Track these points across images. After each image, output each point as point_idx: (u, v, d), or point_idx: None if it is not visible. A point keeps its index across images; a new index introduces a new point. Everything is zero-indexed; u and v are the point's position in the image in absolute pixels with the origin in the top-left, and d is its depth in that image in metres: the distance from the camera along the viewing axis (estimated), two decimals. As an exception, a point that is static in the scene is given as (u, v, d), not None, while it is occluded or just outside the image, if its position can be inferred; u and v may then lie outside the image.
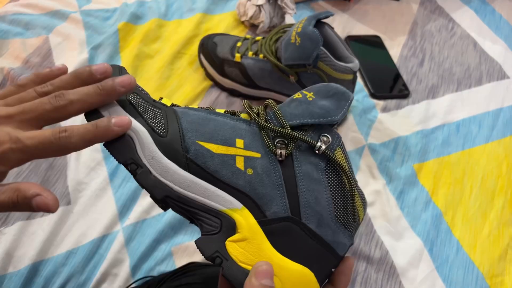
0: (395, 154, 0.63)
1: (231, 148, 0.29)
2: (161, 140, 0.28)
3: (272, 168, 0.29)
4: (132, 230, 0.51)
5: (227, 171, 0.28)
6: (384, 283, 0.50)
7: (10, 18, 0.71)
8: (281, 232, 0.28)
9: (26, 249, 0.48)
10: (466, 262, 0.53)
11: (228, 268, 0.27)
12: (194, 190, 0.28)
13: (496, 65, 0.79)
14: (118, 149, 0.28)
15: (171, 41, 0.73)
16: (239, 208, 0.28)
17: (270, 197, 0.28)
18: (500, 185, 0.61)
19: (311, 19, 0.55)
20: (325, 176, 0.29)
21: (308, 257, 0.28)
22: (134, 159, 0.27)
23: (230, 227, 0.27)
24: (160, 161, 0.28)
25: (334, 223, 0.28)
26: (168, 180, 0.27)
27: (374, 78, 0.73)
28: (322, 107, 0.30)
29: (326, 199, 0.28)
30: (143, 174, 0.27)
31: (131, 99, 0.30)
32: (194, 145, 0.28)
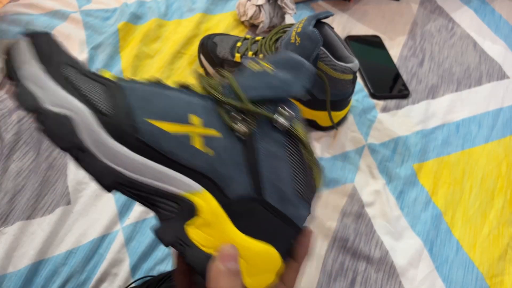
0: (395, 154, 0.63)
1: (186, 126, 0.26)
2: (106, 120, 0.24)
3: (232, 146, 0.27)
4: (132, 230, 0.51)
5: (184, 152, 0.25)
6: (384, 283, 0.50)
7: (10, 18, 0.71)
8: (244, 212, 0.27)
9: (26, 249, 0.48)
10: (465, 262, 0.53)
11: (190, 255, 0.25)
12: (147, 174, 0.25)
13: (496, 65, 0.79)
14: (57, 133, 0.23)
15: (171, 41, 0.73)
16: (199, 192, 0.26)
17: (231, 177, 0.26)
18: (499, 185, 0.61)
19: (311, 19, 0.55)
20: (285, 151, 0.28)
21: (270, 234, 0.27)
22: (76, 143, 0.23)
23: (190, 211, 0.25)
24: (106, 143, 0.24)
25: (295, 198, 0.28)
26: (116, 165, 0.24)
27: (374, 78, 0.73)
28: (281, 79, 0.28)
29: (286, 174, 0.28)
30: (87, 160, 0.24)
31: (65, 72, 0.25)
32: (144, 124, 0.25)
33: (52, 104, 0.23)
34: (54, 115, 0.23)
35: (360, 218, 0.55)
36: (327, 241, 0.53)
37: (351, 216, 0.55)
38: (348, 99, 0.62)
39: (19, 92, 0.24)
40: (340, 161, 0.61)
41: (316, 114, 0.62)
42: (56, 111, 0.23)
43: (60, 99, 0.24)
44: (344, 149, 0.62)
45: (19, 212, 0.51)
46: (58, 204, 0.52)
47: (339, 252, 0.52)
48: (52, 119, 0.23)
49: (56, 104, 0.24)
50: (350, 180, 0.59)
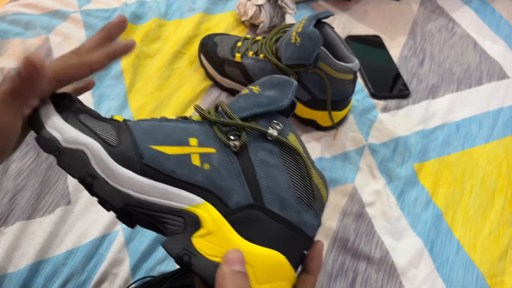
0: (395, 154, 0.63)
1: (185, 147, 0.29)
2: (114, 150, 0.28)
3: (228, 160, 0.29)
4: (132, 230, 0.51)
5: (184, 170, 0.28)
6: (384, 283, 0.50)
7: (10, 18, 0.71)
8: (246, 220, 0.28)
9: (26, 249, 0.48)
10: (466, 262, 0.53)
11: (197, 264, 0.26)
12: (153, 193, 0.28)
13: (496, 65, 0.79)
14: (72, 165, 0.27)
15: (171, 41, 0.73)
16: (201, 204, 0.28)
17: (230, 188, 0.28)
18: (500, 185, 0.61)
19: (311, 19, 0.55)
20: (281, 160, 0.30)
21: (276, 241, 0.28)
22: (90, 172, 0.27)
23: (195, 223, 0.27)
24: (115, 170, 0.27)
25: (297, 204, 0.29)
26: (125, 188, 0.27)
27: (374, 78, 0.73)
28: (268, 96, 0.31)
29: (285, 182, 0.29)
30: (100, 185, 0.27)
31: (81, 118, 0.29)
32: (148, 150, 0.28)
33: (67, 142, 0.28)
34: (70, 150, 0.28)
35: (361, 218, 0.55)
36: (328, 241, 0.53)
37: (351, 216, 0.55)
38: (349, 99, 0.62)
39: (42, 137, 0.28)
40: (341, 161, 0.61)
41: (317, 114, 0.62)
42: (71, 147, 0.28)
43: (74, 138, 0.28)
44: (345, 149, 0.62)
45: (19, 212, 0.51)
46: (58, 204, 0.52)
47: (340, 252, 0.52)
48: (68, 154, 0.27)
49: (71, 142, 0.28)
50: (350, 180, 0.59)
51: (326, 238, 0.53)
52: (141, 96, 0.65)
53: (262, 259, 0.27)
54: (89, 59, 0.30)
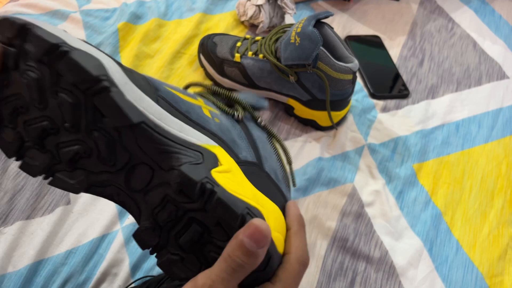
0: (394, 154, 0.63)
1: (196, 100, 0.30)
2: (129, 74, 0.25)
3: (232, 124, 0.31)
4: (131, 230, 0.51)
5: (198, 115, 0.28)
6: (384, 283, 0.50)
7: (10, 18, 0.71)
8: (253, 173, 0.28)
9: (25, 249, 0.48)
10: (465, 262, 0.53)
11: (222, 193, 0.23)
12: (170, 123, 0.25)
13: (495, 65, 0.79)
14: (87, 63, 0.22)
15: (171, 41, 0.73)
16: (216, 145, 0.27)
17: (238, 144, 0.30)
18: (499, 185, 0.61)
19: (310, 19, 0.55)
20: (271, 144, 0.33)
21: (276, 199, 0.29)
22: (108, 76, 0.23)
23: (213, 159, 0.25)
24: (133, 88, 0.24)
25: (283, 182, 0.32)
26: (142, 108, 0.24)
27: (374, 78, 0.73)
28: (250, 103, 0.35)
29: (275, 161, 0.32)
30: (117, 94, 0.23)
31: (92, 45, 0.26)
32: (163, 89, 0.27)
33: (77, 46, 0.23)
34: (83, 52, 0.23)
35: (360, 218, 0.55)
36: (327, 241, 0.53)
37: (350, 216, 0.55)
38: (348, 99, 0.62)
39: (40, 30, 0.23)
40: (340, 161, 0.61)
41: (316, 114, 0.62)
42: (85, 49, 0.23)
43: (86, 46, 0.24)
44: (344, 149, 0.62)
45: (18, 212, 0.51)
46: (58, 204, 0.52)
47: (339, 252, 0.52)
48: (81, 53, 0.23)
49: (83, 47, 0.23)
50: (350, 180, 0.59)
51: (325, 238, 0.53)
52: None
53: (273, 208, 0.28)
54: None
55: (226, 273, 0.23)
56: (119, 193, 0.26)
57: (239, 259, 0.22)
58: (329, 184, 0.58)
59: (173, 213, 0.25)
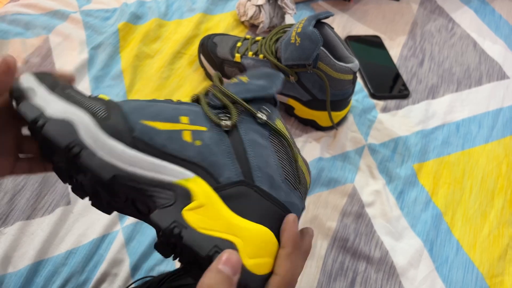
0: (395, 154, 0.63)
1: (176, 124, 0.29)
2: (104, 123, 0.27)
3: (219, 138, 0.29)
4: (132, 230, 0.51)
5: (175, 145, 0.28)
6: (384, 283, 0.50)
7: (10, 18, 0.71)
8: (237, 195, 0.28)
9: (25, 249, 0.48)
10: (465, 262, 0.53)
11: (188, 236, 0.26)
12: (143, 165, 0.27)
13: (496, 65, 0.79)
14: (58, 133, 0.26)
15: (171, 41, 0.73)
16: (191, 178, 0.27)
17: (221, 164, 0.28)
18: (500, 185, 0.61)
19: (311, 19, 0.55)
20: (269, 143, 0.31)
21: (266, 217, 0.28)
22: (77, 141, 0.26)
23: (185, 197, 0.27)
24: (105, 141, 0.26)
25: (284, 184, 0.30)
26: (115, 159, 0.26)
27: (374, 78, 0.73)
28: (257, 85, 0.32)
29: (274, 162, 0.30)
30: (88, 156, 0.26)
31: (68, 91, 0.28)
32: (139, 124, 0.28)
33: (54, 112, 0.26)
34: (56, 120, 0.26)
35: (360, 218, 0.55)
36: (327, 241, 0.53)
37: (351, 216, 0.55)
38: (348, 99, 0.62)
39: (24, 106, 0.27)
40: (340, 161, 0.61)
41: (316, 114, 0.62)
42: (57, 117, 0.26)
43: (61, 109, 0.27)
44: (344, 149, 0.62)
45: (19, 212, 0.51)
46: (58, 204, 0.52)
47: (339, 252, 0.52)
48: (54, 123, 0.26)
49: (58, 112, 0.26)
50: (350, 180, 0.59)
51: (326, 238, 0.53)
52: (141, 96, 0.65)
53: (253, 233, 0.27)
54: None
55: None
56: (135, 215, 0.30)
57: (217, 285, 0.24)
58: (329, 184, 0.58)
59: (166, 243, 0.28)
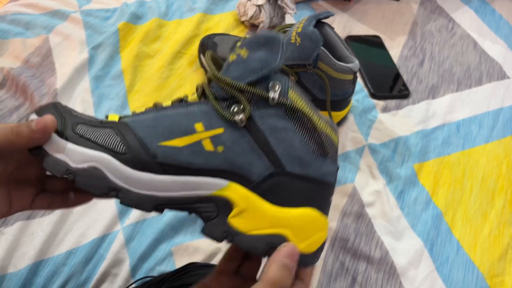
0: (395, 154, 0.63)
1: (193, 135, 0.29)
2: (126, 157, 0.28)
3: (239, 136, 0.29)
4: (132, 230, 0.51)
5: (200, 159, 0.28)
6: (384, 283, 0.50)
7: (10, 18, 0.71)
8: (272, 188, 0.29)
9: (26, 249, 0.48)
10: (466, 262, 0.53)
11: (241, 241, 0.28)
12: (177, 188, 0.28)
13: (496, 65, 0.79)
14: (91, 184, 0.27)
15: (171, 41, 0.73)
16: (226, 186, 0.28)
17: (249, 164, 0.29)
18: (500, 185, 0.61)
19: (311, 19, 0.55)
20: (289, 121, 0.30)
21: (305, 198, 0.30)
22: (111, 187, 0.27)
23: (227, 206, 0.28)
24: (134, 176, 0.28)
25: (314, 159, 0.30)
26: (150, 191, 0.28)
27: (374, 78, 0.73)
28: (259, 59, 0.30)
29: (298, 141, 0.30)
30: (125, 196, 0.27)
31: (80, 131, 0.29)
32: (159, 148, 0.28)
33: (76, 162, 0.27)
34: (83, 170, 0.27)
35: (361, 218, 0.55)
36: (327, 241, 0.53)
37: (351, 216, 0.55)
38: (348, 99, 0.62)
39: (49, 164, 0.27)
40: (341, 161, 0.61)
41: (317, 114, 0.62)
42: (83, 166, 0.27)
43: (82, 156, 0.27)
44: (345, 149, 0.62)
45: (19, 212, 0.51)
46: (58, 204, 0.52)
47: (339, 252, 0.52)
48: (83, 175, 0.27)
49: (80, 161, 0.27)
50: (350, 180, 0.59)
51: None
52: (141, 96, 0.65)
53: (298, 219, 0.29)
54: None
55: None
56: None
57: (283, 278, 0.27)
58: (329, 184, 0.58)
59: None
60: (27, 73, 0.64)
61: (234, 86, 0.29)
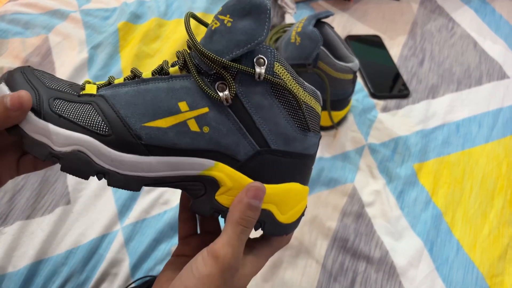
0: (395, 154, 0.63)
1: (178, 115, 0.28)
2: (110, 139, 0.27)
3: (224, 116, 0.28)
4: (131, 230, 0.51)
5: (186, 139, 0.28)
6: (384, 283, 0.50)
7: (9, 17, 0.71)
8: (258, 166, 0.29)
9: (25, 249, 0.48)
10: (466, 262, 0.53)
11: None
12: (164, 168, 0.28)
13: (496, 65, 0.79)
14: (76, 168, 0.27)
15: (171, 40, 0.73)
16: (213, 166, 0.28)
17: (235, 143, 0.29)
18: (500, 185, 0.61)
19: (311, 18, 0.55)
20: (275, 98, 0.29)
21: (289, 173, 0.30)
22: (97, 170, 0.27)
23: (213, 184, 0.29)
24: (120, 158, 0.27)
25: (299, 134, 0.30)
26: (136, 172, 0.27)
27: (374, 78, 0.72)
28: (244, 31, 0.28)
29: (283, 118, 0.29)
30: (112, 178, 0.27)
31: (57, 110, 0.27)
32: (143, 129, 0.27)
33: (59, 145, 0.26)
34: (67, 154, 0.26)
35: (360, 218, 0.55)
36: (327, 241, 0.53)
37: (351, 216, 0.55)
38: (348, 99, 0.62)
39: (29, 145, 0.26)
40: (340, 161, 0.61)
41: (316, 114, 0.62)
42: (66, 150, 0.26)
43: (66, 139, 0.26)
44: (344, 149, 0.62)
45: (18, 211, 0.51)
46: (58, 203, 0.52)
47: (339, 252, 0.52)
48: (67, 159, 0.26)
49: (63, 144, 0.26)
50: (350, 180, 0.59)
51: (326, 238, 0.53)
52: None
53: (282, 194, 0.30)
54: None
55: (241, 234, 0.27)
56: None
57: (249, 217, 0.28)
58: (329, 184, 0.58)
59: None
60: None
61: (218, 62, 0.27)
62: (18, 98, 0.25)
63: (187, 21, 0.30)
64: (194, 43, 0.28)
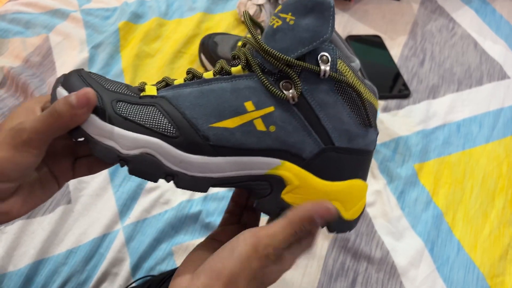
0: (395, 154, 0.63)
1: (244, 115, 0.28)
2: (178, 141, 0.27)
3: (290, 114, 0.28)
4: (132, 229, 0.51)
5: (253, 138, 0.28)
6: (385, 283, 0.50)
7: (10, 17, 0.71)
8: (323, 164, 0.29)
9: (26, 248, 0.48)
10: (466, 262, 0.53)
11: None
12: (232, 168, 0.28)
13: (496, 65, 0.79)
14: (146, 171, 0.27)
15: (172, 40, 0.73)
16: (279, 164, 0.29)
17: (300, 142, 0.29)
18: (500, 185, 0.61)
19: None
20: (338, 95, 0.29)
21: (352, 170, 0.31)
22: (166, 172, 0.27)
23: (280, 183, 0.29)
24: (188, 160, 0.27)
25: (361, 130, 0.30)
26: (205, 173, 0.27)
27: (375, 78, 0.72)
28: (308, 28, 0.28)
29: (347, 115, 0.30)
30: (181, 180, 0.27)
31: (121, 112, 0.26)
32: (210, 130, 0.27)
33: (127, 148, 0.26)
34: (135, 157, 0.26)
35: (361, 218, 0.55)
36: (328, 241, 0.53)
37: (352, 216, 0.55)
38: (349, 99, 0.62)
39: (98, 150, 0.26)
40: (341, 161, 0.61)
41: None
42: (135, 153, 0.26)
43: (133, 142, 0.26)
44: (345, 149, 0.62)
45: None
46: (59, 203, 0.52)
47: (340, 252, 0.52)
48: (136, 161, 0.26)
49: (131, 147, 0.26)
50: (351, 180, 0.59)
51: (326, 238, 0.53)
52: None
53: (346, 191, 0.31)
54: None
55: (290, 236, 0.26)
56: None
57: (305, 227, 0.27)
58: (330, 184, 0.58)
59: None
60: (27, 72, 0.64)
61: (284, 60, 0.27)
62: (85, 94, 0.24)
63: (247, 19, 0.30)
64: (258, 42, 0.28)
